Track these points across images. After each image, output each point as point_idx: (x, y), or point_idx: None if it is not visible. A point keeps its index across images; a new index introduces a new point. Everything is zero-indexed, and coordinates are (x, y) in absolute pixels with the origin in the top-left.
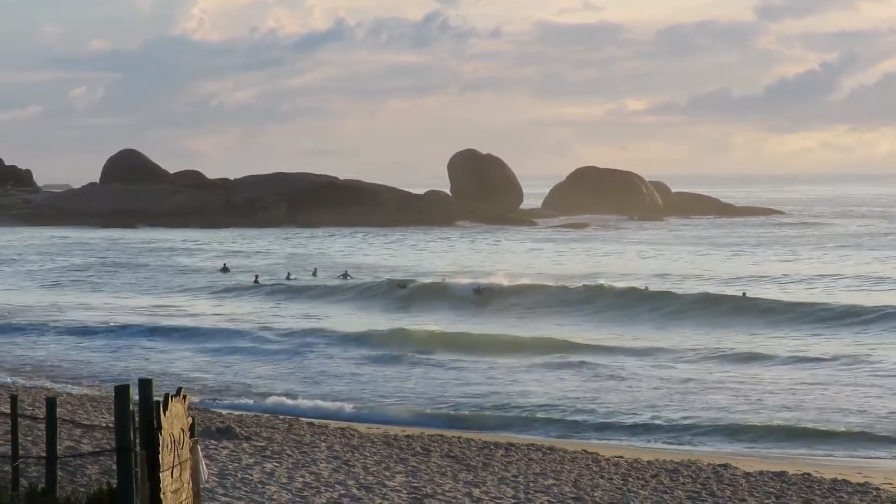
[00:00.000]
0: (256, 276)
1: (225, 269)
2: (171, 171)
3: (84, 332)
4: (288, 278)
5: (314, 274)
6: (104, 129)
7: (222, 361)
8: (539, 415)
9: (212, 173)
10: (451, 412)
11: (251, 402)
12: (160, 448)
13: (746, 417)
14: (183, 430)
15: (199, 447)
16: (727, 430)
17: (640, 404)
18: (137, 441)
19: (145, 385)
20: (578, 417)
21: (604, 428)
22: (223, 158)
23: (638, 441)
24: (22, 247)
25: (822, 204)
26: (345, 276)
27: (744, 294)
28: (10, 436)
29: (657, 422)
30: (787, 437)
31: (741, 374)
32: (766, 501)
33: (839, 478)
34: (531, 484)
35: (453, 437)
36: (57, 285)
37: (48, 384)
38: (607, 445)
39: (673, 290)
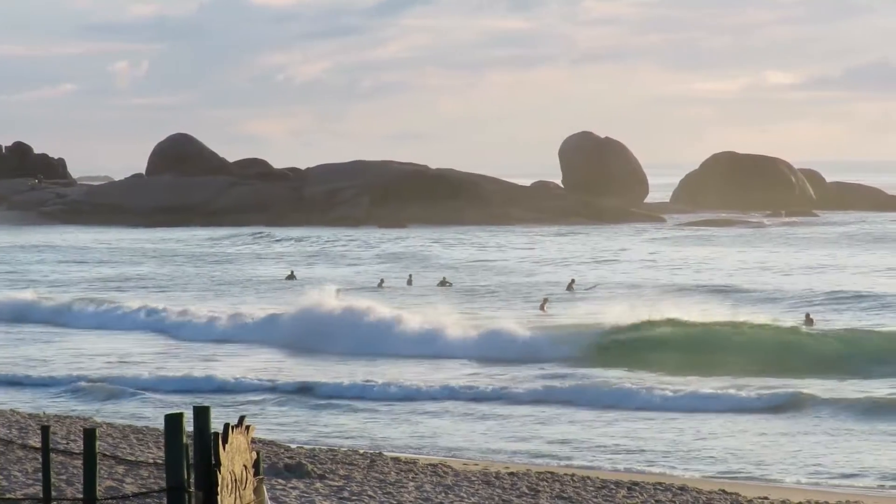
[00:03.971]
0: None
1: (291, 277)
2: (231, 159)
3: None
4: (380, 285)
5: (409, 282)
6: (150, 111)
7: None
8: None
9: (279, 162)
10: None
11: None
12: (219, 488)
13: None
14: (246, 467)
15: (264, 487)
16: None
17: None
18: (192, 480)
19: (202, 414)
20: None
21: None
22: (292, 144)
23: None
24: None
25: None
26: (443, 283)
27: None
28: (40, 474)
29: (819, 467)
30: None
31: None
32: None
33: None
34: None
35: (566, 474)
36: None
37: (85, 413)
38: (747, 485)
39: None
